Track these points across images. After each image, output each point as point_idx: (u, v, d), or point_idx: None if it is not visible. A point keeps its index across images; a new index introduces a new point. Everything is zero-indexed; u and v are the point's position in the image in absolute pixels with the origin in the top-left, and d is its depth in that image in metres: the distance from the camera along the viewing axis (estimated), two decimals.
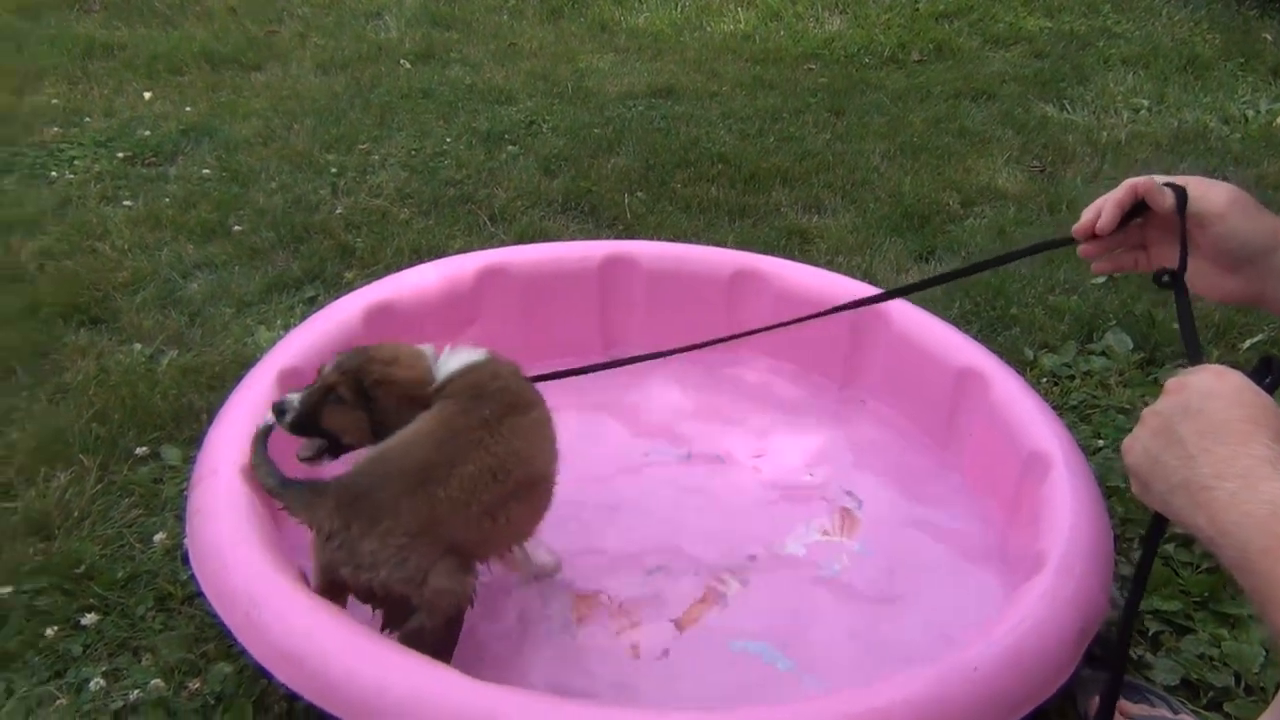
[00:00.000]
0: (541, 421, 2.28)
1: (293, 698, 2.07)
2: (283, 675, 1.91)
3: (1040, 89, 5.61)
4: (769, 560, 2.58)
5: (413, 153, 4.66)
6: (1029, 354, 3.35)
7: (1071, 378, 3.26)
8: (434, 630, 2.03)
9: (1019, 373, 2.86)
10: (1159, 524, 1.51)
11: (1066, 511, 2.26)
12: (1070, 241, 1.79)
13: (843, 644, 2.37)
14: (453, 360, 2.27)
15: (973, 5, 6.74)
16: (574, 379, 2.49)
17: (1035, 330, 3.46)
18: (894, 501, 2.80)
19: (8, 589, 2.36)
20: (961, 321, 3.35)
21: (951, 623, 2.40)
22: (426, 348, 2.32)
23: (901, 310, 3.02)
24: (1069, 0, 6.85)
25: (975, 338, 3.02)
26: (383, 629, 2.05)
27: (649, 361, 2.50)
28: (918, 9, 6.73)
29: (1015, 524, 2.53)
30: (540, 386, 2.36)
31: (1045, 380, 3.24)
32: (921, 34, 6.36)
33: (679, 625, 2.38)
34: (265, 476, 2.15)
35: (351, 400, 2.16)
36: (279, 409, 2.17)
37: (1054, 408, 2.75)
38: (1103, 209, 1.71)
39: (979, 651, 1.91)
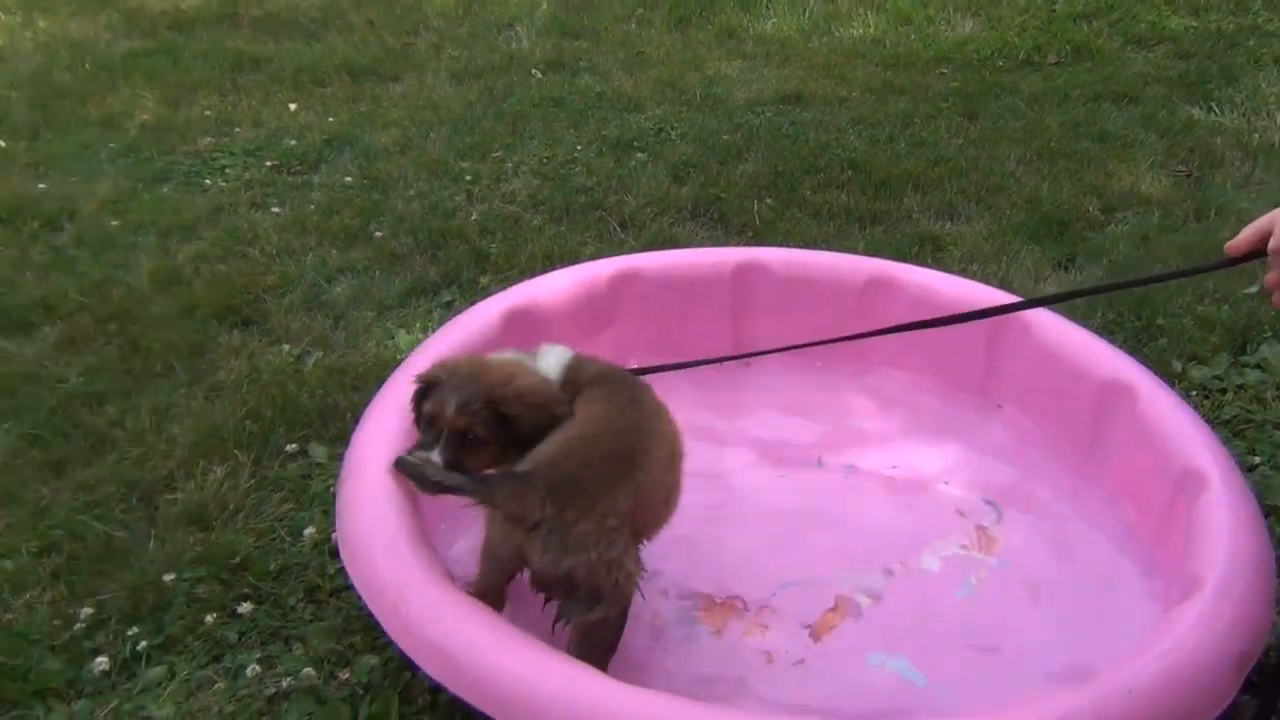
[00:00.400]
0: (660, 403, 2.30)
1: (436, 690, 2.14)
2: (429, 668, 1.97)
3: (1186, 91, 5.41)
4: (904, 574, 2.54)
5: (544, 160, 4.74)
6: (1177, 366, 3.23)
7: (1224, 391, 3.13)
8: (615, 621, 2.06)
9: (1167, 385, 2.76)
10: None
11: (1224, 531, 2.17)
12: (1231, 263, 1.71)
13: (980, 661, 2.32)
14: (550, 359, 2.29)
15: (1113, 5, 6.54)
16: (701, 385, 2.47)
17: (1184, 341, 3.34)
18: (1034, 516, 2.73)
19: (170, 576, 2.49)
20: (1105, 331, 3.24)
21: (1095, 644, 2.33)
22: (509, 354, 2.31)
23: (1042, 319, 2.94)
24: None
25: (1121, 348, 2.92)
26: (558, 620, 2.03)
27: (782, 367, 2.50)
28: (1054, 10, 6.55)
29: (1166, 543, 2.44)
30: (668, 391, 2.37)
31: (1195, 393, 3.12)
32: (1058, 35, 6.19)
33: (813, 635, 2.37)
34: (457, 482, 2.00)
35: (488, 436, 2.10)
36: (416, 475, 2.05)
37: (1205, 423, 2.65)
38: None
39: (1134, 674, 1.85)
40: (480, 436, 2.09)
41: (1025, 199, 4.32)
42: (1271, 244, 1.62)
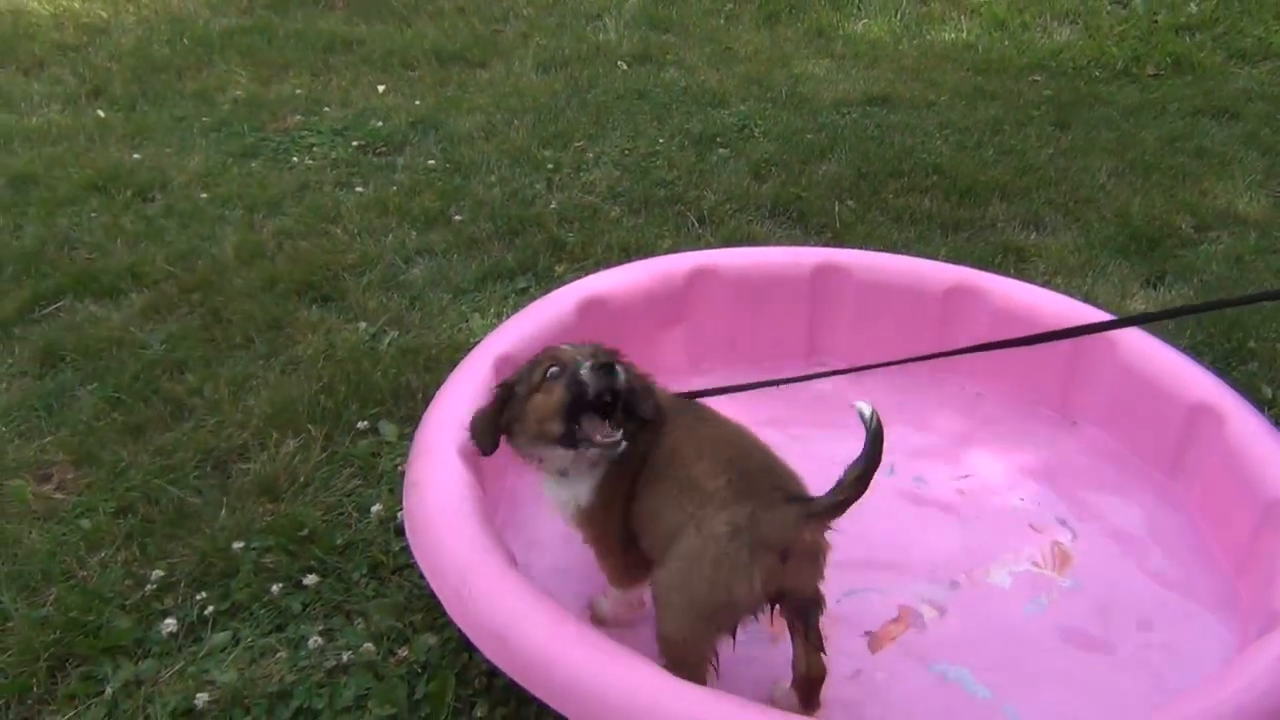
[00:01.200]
0: None
1: (493, 673, 2.14)
2: (488, 651, 1.98)
3: None
4: (972, 587, 2.49)
5: (626, 152, 4.73)
6: (1268, 392, 3.12)
7: None
8: None
9: (1258, 411, 2.66)
10: None
11: None
12: None
13: (1047, 681, 2.27)
14: None
15: (1217, 18, 6.34)
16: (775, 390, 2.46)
17: (1276, 367, 3.22)
18: (1109, 537, 2.65)
19: (239, 544, 2.53)
20: (1193, 352, 3.14)
21: (1167, 673, 2.26)
22: None
23: (1129, 337, 2.86)
24: None
25: (1210, 369, 2.83)
26: (804, 625, 2.06)
27: (853, 374, 2.46)
28: (1156, 21, 6.37)
29: (1248, 574, 2.36)
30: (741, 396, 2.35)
31: None
32: (1159, 47, 6.02)
33: (872, 645, 2.33)
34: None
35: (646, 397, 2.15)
36: (604, 367, 2.03)
37: None
38: None
39: (1206, 711, 1.78)
40: (651, 390, 2.17)
41: (1115, 213, 4.21)
42: None
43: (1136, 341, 2.87)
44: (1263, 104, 5.28)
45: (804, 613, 2.05)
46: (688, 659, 1.97)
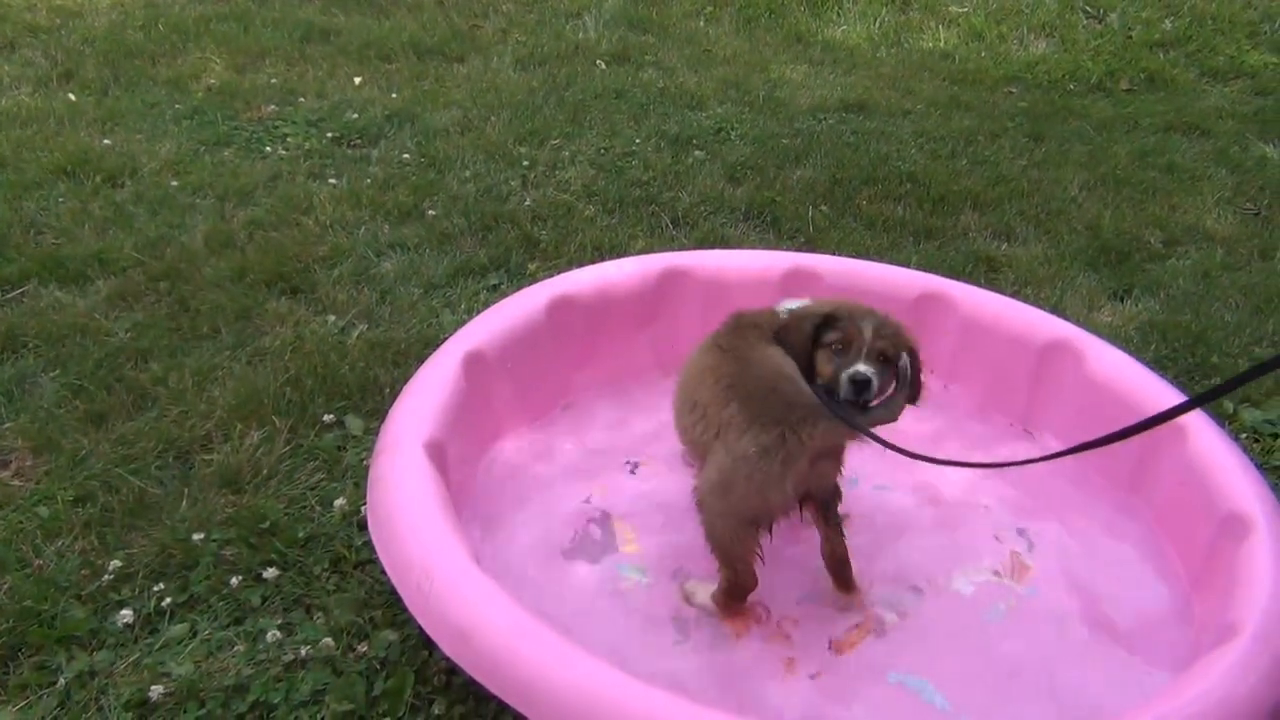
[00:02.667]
0: None
1: (452, 671, 2.13)
2: (448, 648, 1.97)
3: (1260, 128, 5.29)
4: (934, 594, 2.50)
5: (602, 151, 4.73)
6: (1229, 407, 3.15)
7: (1275, 435, 3.06)
8: None
9: (1218, 425, 2.69)
10: None
11: (1266, 579, 2.11)
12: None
13: (1004, 689, 2.28)
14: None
15: (1190, 35, 6.41)
16: None
17: None
18: (1068, 547, 2.67)
19: (200, 536, 2.50)
20: (1157, 366, 3.17)
21: (1122, 685, 2.28)
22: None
23: (1096, 349, 2.89)
24: None
25: (1172, 384, 2.85)
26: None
27: None
28: (1130, 36, 6.44)
29: (1204, 586, 2.38)
30: None
31: (1245, 436, 3.05)
32: (1133, 62, 6.09)
33: (836, 649, 2.33)
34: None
35: (895, 358, 2.32)
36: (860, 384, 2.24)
37: (1255, 467, 2.58)
38: None
39: (1160, 717, 1.80)
40: (890, 358, 2.29)
41: (1085, 225, 4.25)
42: None
43: (1104, 354, 2.90)
44: (1233, 122, 5.35)
45: (825, 504, 2.35)
46: (732, 556, 2.27)
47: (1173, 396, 2.71)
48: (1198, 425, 2.60)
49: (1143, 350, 3.33)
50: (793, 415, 2.15)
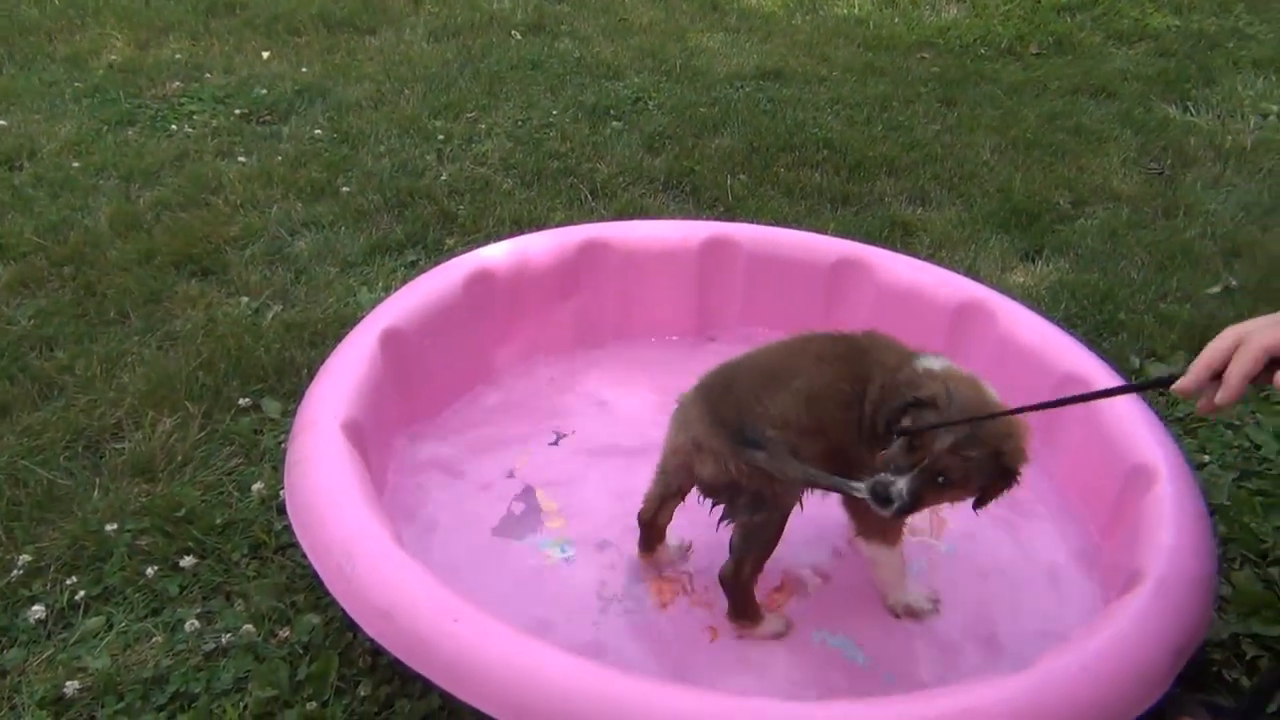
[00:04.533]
0: None
1: (377, 652, 2.12)
2: (371, 629, 1.95)
3: (1163, 89, 5.42)
4: (854, 554, 2.54)
5: (519, 123, 4.68)
6: (1135, 362, 3.25)
7: None
8: (776, 523, 2.18)
9: (1125, 380, 2.77)
10: None
11: (1169, 528, 2.18)
12: (1166, 383, 1.74)
13: (922, 644, 2.33)
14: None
15: None
16: (664, 359, 2.44)
17: (1144, 338, 3.35)
18: None
19: (113, 526, 2.45)
20: (1067, 324, 3.25)
21: (1039, 632, 2.35)
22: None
23: (1009, 309, 2.95)
24: None
25: (1081, 341, 2.93)
26: (722, 520, 2.19)
27: (746, 344, 2.48)
28: (1039, 1, 6.53)
29: (1113, 536, 2.46)
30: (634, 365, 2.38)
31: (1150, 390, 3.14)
32: (1041, 26, 6.18)
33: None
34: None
35: (964, 481, 2.05)
36: (880, 497, 1.99)
37: (1159, 420, 2.66)
38: (1227, 377, 1.63)
39: (1071, 663, 1.86)
40: (956, 480, 2.01)
41: (997, 188, 4.32)
42: (1233, 369, 1.62)
43: (1016, 314, 2.96)
44: (1137, 84, 5.47)
45: None
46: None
47: (1080, 354, 2.78)
48: (1106, 382, 2.67)
49: (1053, 309, 3.41)
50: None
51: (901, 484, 1.96)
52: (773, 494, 2.11)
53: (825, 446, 2.15)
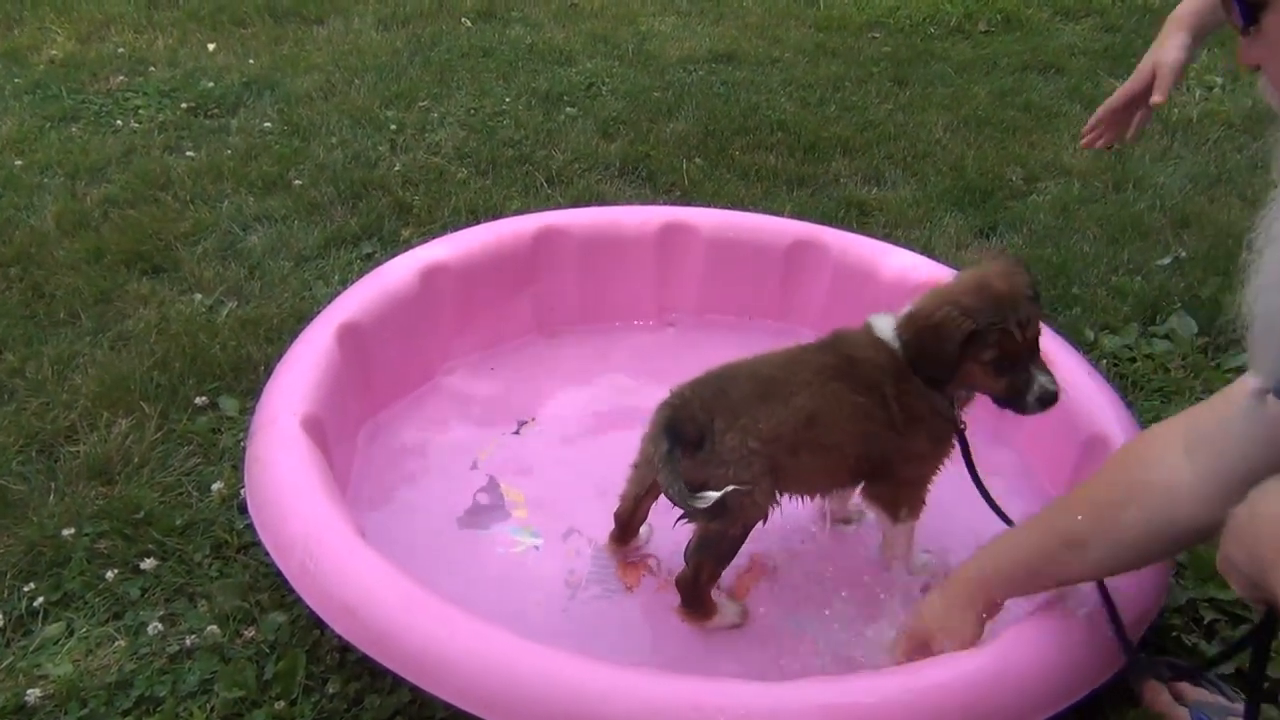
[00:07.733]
0: None
1: (345, 649, 2.10)
2: (338, 626, 1.94)
3: (1111, 63, 5.48)
4: (824, 534, 2.56)
5: (472, 111, 4.65)
6: (1090, 334, 3.29)
7: (1133, 360, 3.20)
8: (734, 536, 2.16)
9: (1080, 352, 2.81)
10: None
11: None
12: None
13: (888, 624, 2.35)
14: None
15: None
16: (623, 345, 2.43)
17: (1097, 311, 3.40)
18: (950, 477, 2.76)
19: (70, 531, 2.41)
20: None
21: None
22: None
23: None
24: None
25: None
26: (681, 519, 2.11)
27: (705, 331, 2.49)
28: None
29: None
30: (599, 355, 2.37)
31: (1105, 361, 3.18)
32: (989, 4, 6.23)
33: (729, 595, 2.37)
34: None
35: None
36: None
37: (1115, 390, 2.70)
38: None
39: (1029, 631, 1.90)
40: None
41: (950, 166, 4.36)
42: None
43: None
44: (1084, 59, 5.53)
45: None
46: None
47: None
48: (1061, 354, 2.70)
49: None
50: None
51: (1044, 377, 2.14)
52: (738, 504, 2.07)
53: (834, 461, 2.25)
